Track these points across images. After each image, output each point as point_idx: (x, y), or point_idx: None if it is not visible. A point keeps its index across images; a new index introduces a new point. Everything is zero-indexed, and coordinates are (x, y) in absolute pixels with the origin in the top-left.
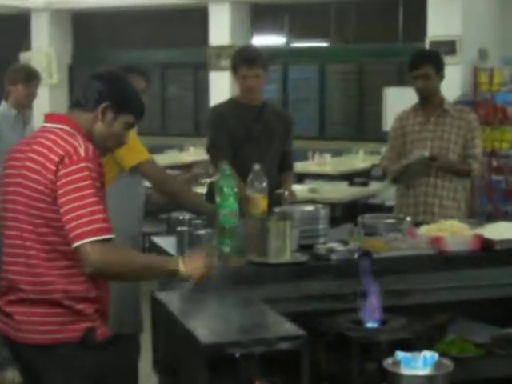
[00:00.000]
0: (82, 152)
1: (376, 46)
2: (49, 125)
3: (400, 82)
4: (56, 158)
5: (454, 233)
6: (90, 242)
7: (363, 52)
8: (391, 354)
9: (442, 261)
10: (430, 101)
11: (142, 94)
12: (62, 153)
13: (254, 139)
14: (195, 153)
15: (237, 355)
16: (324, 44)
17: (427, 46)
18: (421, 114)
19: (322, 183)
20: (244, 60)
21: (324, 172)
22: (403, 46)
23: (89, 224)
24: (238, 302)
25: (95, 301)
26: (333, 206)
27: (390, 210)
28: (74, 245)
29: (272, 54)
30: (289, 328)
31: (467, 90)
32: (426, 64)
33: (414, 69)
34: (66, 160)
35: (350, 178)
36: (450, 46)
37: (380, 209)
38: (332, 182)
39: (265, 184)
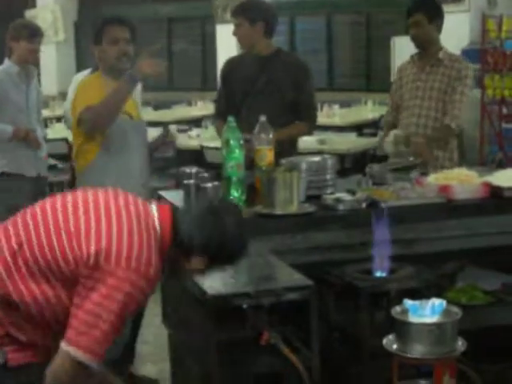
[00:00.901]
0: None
1: None
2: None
3: (408, 31)
4: None
5: (462, 181)
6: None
7: (370, 2)
8: (400, 303)
9: (450, 209)
10: (426, 50)
11: (127, 43)
12: None
13: (257, 91)
14: (203, 107)
15: (244, 306)
16: None
17: None
18: (417, 64)
19: (331, 134)
20: (231, 12)
21: (333, 123)
22: None
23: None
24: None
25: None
26: (342, 157)
27: None
28: (63, 343)
29: (278, 6)
30: (297, 278)
31: (476, 37)
32: (417, 12)
33: (409, 16)
34: None
35: (358, 128)
36: None
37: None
38: (341, 133)
39: (271, 136)
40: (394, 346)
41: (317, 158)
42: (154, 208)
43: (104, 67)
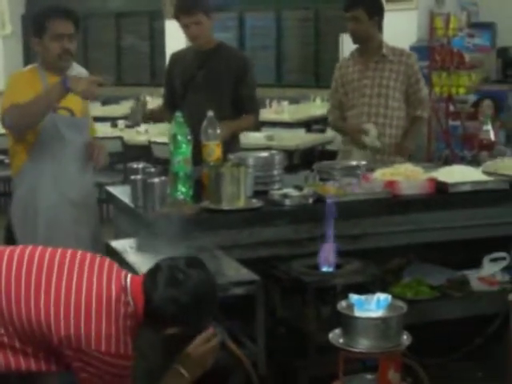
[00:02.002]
0: None
1: None
2: None
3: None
4: None
5: (408, 176)
6: None
7: None
8: (346, 297)
9: (396, 204)
10: (366, 46)
11: (71, 40)
12: None
13: (197, 86)
14: (152, 103)
15: None
16: None
17: None
18: (359, 60)
19: (280, 130)
20: (181, 9)
21: (281, 119)
22: None
23: None
24: (192, 248)
25: None
26: (290, 153)
27: None
28: None
29: (228, 1)
30: (244, 273)
31: (423, 35)
32: (356, 7)
33: (346, 11)
34: None
35: (307, 125)
36: None
37: (337, 155)
38: (289, 130)
39: (218, 131)
40: (340, 341)
41: (264, 154)
42: (128, 282)
43: (43, 62)
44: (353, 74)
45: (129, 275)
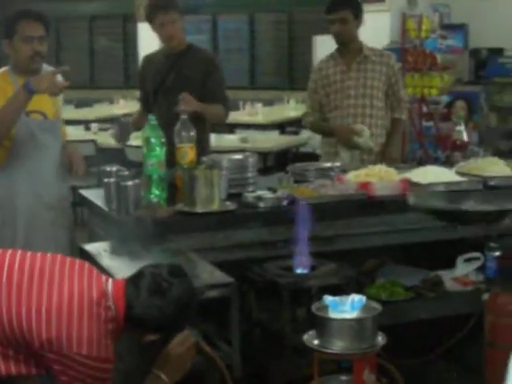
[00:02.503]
0: None
1: None
2: None
3: (329, 28)
4: None
5: (381, 177)
6: None
7: (292, 1)
8: (321, 299)
9: (370, 206)
10: (348, 47)
11: (41, 42)
12: None
13: (168, 88)
14: (125, 105)
15: None
16: None
17: None
18: (340, 62)
19: (254, 133)
20: (158, 6)
21: (255, 122)
22: None
23: None
24: (166, 252)
25: None
26: (264, 155)
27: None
28: None
29: (201, 4)
30: (218, 276)
31: (396, 36)
32: (343, 8)
33: (332, 12)
34: None
35: (281, 127)
36: None
37: (311, 157)
38: (263, 132)
39: (192, 133)
40: (315, 342)
41: (238, 156)
42: (109, 287)
43: (14, 65)
44: (334, 75)
45: (110, 280)
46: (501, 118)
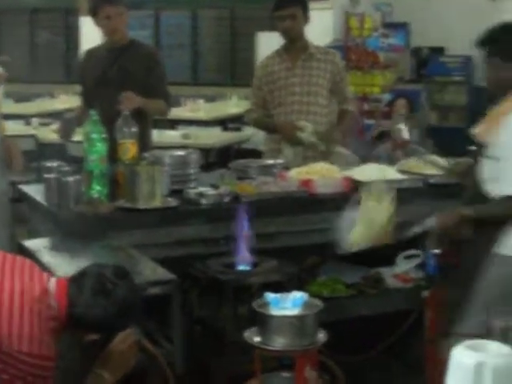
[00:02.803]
0: None
1: None
2: None
3: (272, 27)
4: None
5: (323, 175)
6: None
7: None
8: (262, 296)
9: (312, 203)
10: (295, 45)
11: None
12: None
13: (109, 83)
14: (66, 100)
15: None
16: None
17: None
18: (286, 58)
19: (196, 129)
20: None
21: (197, 118)
22: None
23: None
24: (107, 248)
25: None
26: (206, 151)
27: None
28: None
29: None
30: (160, 273)
31: (339, 34)
32: (293, 4)
33: (282, 9)
34: None
35: (223, 123)
36: None
37: (253, 154)
38: (205, 128)
39: (134, 129)
40: (256, 339)
41: (180, 153)
42: (51, 285)
43: None
44: (279, 72)
45: (52, 278)
46: (441, 117)
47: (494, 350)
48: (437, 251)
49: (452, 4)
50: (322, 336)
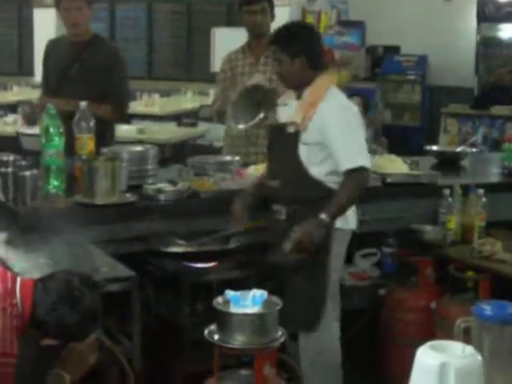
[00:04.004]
0: None
1: None
2: None
3: (229, 22)
4: None
5: None
6: None
7: None
8: (222, 293)
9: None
10: (259, 41)
11: None
12: None
13: (71, 78)
14: (19, 92)
15: None
16: None
17: None
18: (250, 54)
19: (151, 124)
20: None
21: (152, 112)
22: None
23: None
24: (65, 244)
25: None
26: (162, 146)
27: (218, 151)
28: None
29: None
30: (119, 269)
31: None
32: None
33: (252, 3)
34: None
35: (178, 118)
36: None
37: (209, 150)
38: (160, 123)
39: (92, 123)
40: (216, 337)
41: (138, 148)
42: (17, 285)
43: None
44: (243, 67)
45: (18, 278)
46: (396, 115)
47: (457, 350)
48: (393, 250)
49: (407, 4)
50: (280, 334)
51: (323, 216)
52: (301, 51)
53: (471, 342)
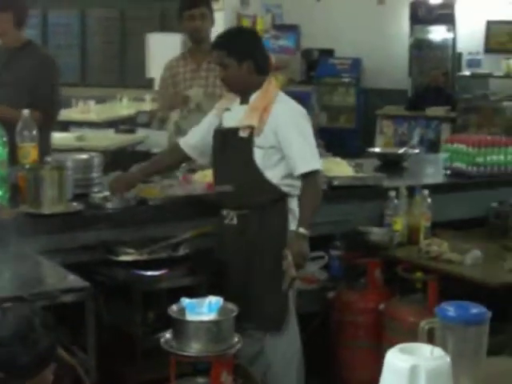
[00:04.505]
0: None
1: None
2: None
3: (162, 27)
4: None
5: None
6: None
7: None
8: (175, 301)
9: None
10: (200, 47)
11: None
12: None
13: (3, 84)
14: None
15: None
16: None
17: None
18: (191, 61)
19: (87, 131)
20: None
21: (88, 119)
22: None
23: None
24: (12, 255)
25: None
26: (102, 153)
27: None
28: None
29: None
30: (72, 280)
31: None
32: (203, 4)
33: (193, 8)
34: None
35: (115, 125)
36: None
37: (148, 156)
38: (97, 130)
39: (35, 132)
40: (172, 345)
41: (83, 156)
42: None
43: None
44: (184, 73)
45: None
46: (331, 118)
47: (427, 353)
48: (341, 253)
49: (340, 7)
50: (237, 340)
51: (301, 230)
52: (248, 55)
53: (435, 343)
